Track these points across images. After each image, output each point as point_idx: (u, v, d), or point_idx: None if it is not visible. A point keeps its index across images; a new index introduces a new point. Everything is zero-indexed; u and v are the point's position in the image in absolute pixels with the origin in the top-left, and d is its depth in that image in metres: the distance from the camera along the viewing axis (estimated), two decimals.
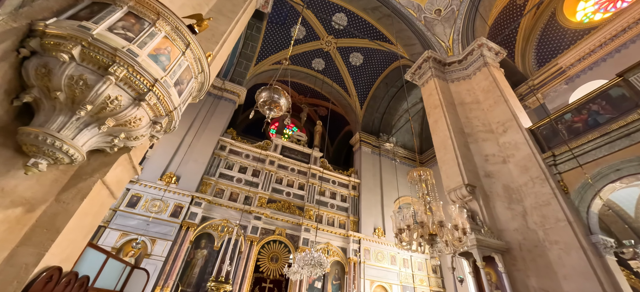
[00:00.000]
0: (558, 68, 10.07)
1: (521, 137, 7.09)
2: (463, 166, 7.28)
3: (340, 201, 11.40)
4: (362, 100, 15.21)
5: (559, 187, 6.01)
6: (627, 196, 6.36)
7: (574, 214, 5.56)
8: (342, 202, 11.35)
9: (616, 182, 5.34)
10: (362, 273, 9.52)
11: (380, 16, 13.43)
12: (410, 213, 3.71)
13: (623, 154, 5.35)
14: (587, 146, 5.85)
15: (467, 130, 8.43)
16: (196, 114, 11.96)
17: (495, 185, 6.97)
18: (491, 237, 5.94)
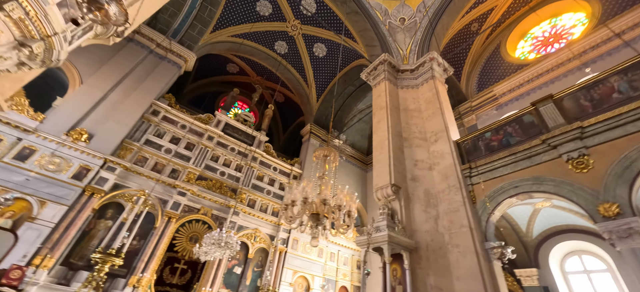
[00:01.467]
0: (493, 95, 11.02)
1: (448, 148, 7.47)
2: (393, 167, 7.44)
3: (278, 189, 11.03)
4: (319, 93, 15.01)
5: (469, 196, 6.43)
6: (523, 211, 7.10)
7: (476, 222, 5.97)
8: (280, 190, 10.99)
9: (513, 198, 5.85)
10: (286, 262, 9.29)
11: (348, 11, 13.29)
12: (300, 189, 3.48)
13: (523, 173, 5.88)
14: (498, 162, 6.34)
15: (404, 135, 8.68)
16: (129, 70, 10.50)
17: (418, 188, 7.24)
18: (403, 236, 6.10)
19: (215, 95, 16.88)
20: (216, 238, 5.87)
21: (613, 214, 4.39)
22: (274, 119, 17.20)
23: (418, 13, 12.53)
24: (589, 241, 6.85)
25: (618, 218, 4.33)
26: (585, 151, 5.14)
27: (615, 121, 4.96)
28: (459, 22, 12.25)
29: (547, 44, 11.06)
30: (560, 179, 5.25)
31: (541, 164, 5.66)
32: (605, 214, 4.48)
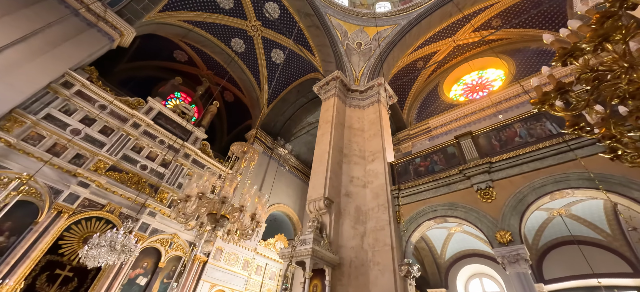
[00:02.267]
0: (428, 126, 12.11)
1: (382, 169, 7.73)
2: (329, 181, 7.36)
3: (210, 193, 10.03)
4: (271, 99, 14.60)
5: (395, 216, 6.64)
6: (440, 235, 7.65)
7: (398, 241, 6.14)
8: (211, 194, 10.00)
9: (432, 221, 6.20)
10: (205, 274, 8.29)
11: (310, 25, 13.42)
12: (202, 182, 3.03)
13: (442, 199, 6.31)
14: (423, 186, 6.73)
15: (345, 151, 8.78)
16: (41, 27, 8.69)
17: (350, 205, 7.25)
18: (328, 251, 5.92)
19: (154, 80, 15.13)
20: (109, 240, 4.85)
21: (506, 241, 4.90)
22: (220, 118, 16.09)
23: (374, 41, 13.33)
24: (488, 265, 7.68)
25: (510, 245, 4.84)
26: (491, 183, 5.75)
27: (514, 160, 5.68)
28: (407, 56, 13.36)
29: (474, 90, 12.75)
30: (470, 207, 5.75)
31: (457, 192, 6.16)
32: (500, 241, 4.97)
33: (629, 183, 4.36)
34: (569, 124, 1.82)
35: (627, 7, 1.39)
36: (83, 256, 5.21)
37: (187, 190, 2.89)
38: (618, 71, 1.48)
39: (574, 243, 6.61)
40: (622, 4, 1.39)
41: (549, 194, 5.03)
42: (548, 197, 5.09)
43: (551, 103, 1.76)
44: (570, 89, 1.68)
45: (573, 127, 1.78)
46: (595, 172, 4.67)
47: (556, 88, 1.70)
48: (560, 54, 1.65)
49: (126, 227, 5.50)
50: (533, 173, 5.36)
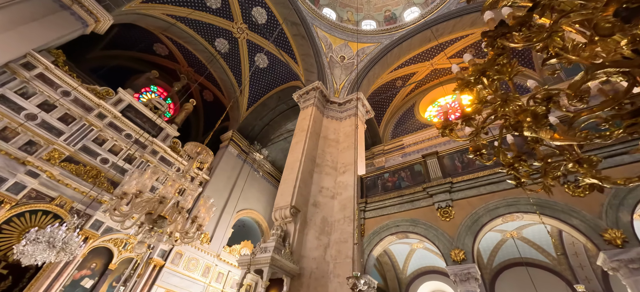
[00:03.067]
0: (402, 143, 12.47)
1: (352, 181, 7.80)
2: (297, 190, 7.31)
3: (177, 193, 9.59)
4: (251, 102, 14.45)
5: (359, 229, 6.67)
6: (402, 250, 7.77)
7: (359, 254, 6.15)
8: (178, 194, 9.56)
9: (394, 235, 6.30)
10: (160, 279, 7.82)
11: (296, 33, 13.54)
12: (145, 178, 2.89)
13: (405, 215, 6.44)
14: (388, 201, 6.85)
15: (318, 161, 8.80)
16: (4, 4, 8.13)
17: (317, 215, 7.22)
18: (288, 260, 5.82)
19: (130, 72, 14.51)
20: (48, 236, 4.47)
21: (459, 259, 5.06)
22: (197, 117, 15.65)
23: (357, 56, 13.67)
24: (447, 283, 7.88)
25: (462, 263, 4.99)
26: (451, 202, 5.97)
27: (473, 182, 5.95)
28: (387, 74, 13.81)
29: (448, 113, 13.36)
30: (430, 224, 5.91)
31: (419, 209, 6.33)
32: (454, 259, 5.12)
33: (570, 211, 4.68)
34: (471, 149, 1.97)
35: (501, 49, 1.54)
36: (18, 253, 4.75)
37: (125, 187, 2.74)
38: (496, 105, 1.64)
39: (524, 265, 6.96)
40: (495, 42, 1.53)
41: (501, 216, 5.29)
42: (500, 220, 5.35)
43: (451, 129, 1.90)
44: (473, 117, 1.83)
45: (475, 154, 1.93)
46: (542, 199, 4.99)
47: (461, 117, 1.85)
48: (459, 84, 1.81)
49: (70, 223, 5.10)
50: (489, 195, 5.62)
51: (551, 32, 1.28)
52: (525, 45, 1.42)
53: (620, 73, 1.18)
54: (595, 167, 1.69)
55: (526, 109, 1.57)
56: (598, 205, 4.46)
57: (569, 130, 1.44)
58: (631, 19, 1.05)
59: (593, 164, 1.69)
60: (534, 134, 1.55)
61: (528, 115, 1.54)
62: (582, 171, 1.71)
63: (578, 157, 1.74)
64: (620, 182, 1.59)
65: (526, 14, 1.40)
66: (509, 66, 1.61)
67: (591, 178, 1.70)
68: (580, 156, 1.74)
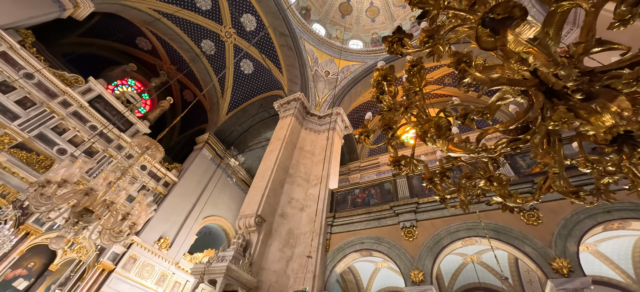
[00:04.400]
0: (377, 162, 12.63)
1: (322, 194, 7.70)
2: (266, 199, 7.11)
3: (138, 192, 9.05)
4: (232, 107, 14.21)
5: (325, 244, 6.52)
6: (367, 268, 7.66)
7: (322, 270, 5.98)
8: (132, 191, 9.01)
9: (358, 253, 6.19)
10: (108, 285, 7.19)
11: (284, 44, 13.65)
12: (75, 167, 2.66)
13: (371, 232, 6.38)
14: (356, 217, 6.78)
15: (291, 171, 8.67)
16: None
17: (283, 226, 7.01)
18: (247, 272, 5.54)
19: (107, 62, 13.94)
20: None
21: (418, 280, 5.02)
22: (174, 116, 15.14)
23: (341, 73, 13.93)
24: None
25: (420, 284, 4.95)
26: (416, 223, 5.99)
27: (438, 204, 6.02)
28: (369, 93, 14.12)
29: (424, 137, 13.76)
30: (394, 243, 5.87)
31: (386, 227, 6.30)
32: (413, 280, 5.08)
33: (523, 238, 4.81)
34: (425, 177, 2.02)
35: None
36: None
37: (49, 174, 2.48)
38: (399, 113, 1.75)
39: (482, 290, 7.04)
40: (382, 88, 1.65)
41: (461, 239, 5.35)
42: (460, 243, 5.40)
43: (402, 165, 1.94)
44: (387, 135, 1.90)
45: (428, 181, 1.99)
46: (500, 225, 5.11)
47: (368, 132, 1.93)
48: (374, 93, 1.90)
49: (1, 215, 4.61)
50: (451, 218, 5.70)
51: (435, 43, 1.37)
52: (415, 51, 1.53)
53: (520, 93, 1.21)
54: (505, 187, 1.78)
55: (430, 119, 1.63)
56: (549, 234, 4.62)
57: (461, 143, 1.54)
58: (499, 30, 1.10)
59: (503, 183, 1.77)
60: (433, 143, 1.61)
61: (432, 126, 1.59)
62: (493, 189, 1.81)
63: (490, 174, 1.81)
64: (519, 201, 1.69)
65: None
66: (419, 76, 1.68)
67: (500, 197, 1.79)
68: (492, 173, 1.81)
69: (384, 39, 1.61)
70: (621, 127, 1.27)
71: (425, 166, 2.26)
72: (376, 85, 1.85)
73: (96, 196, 2.75)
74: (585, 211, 4.55)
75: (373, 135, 2.14)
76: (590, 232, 4.41)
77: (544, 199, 4.81)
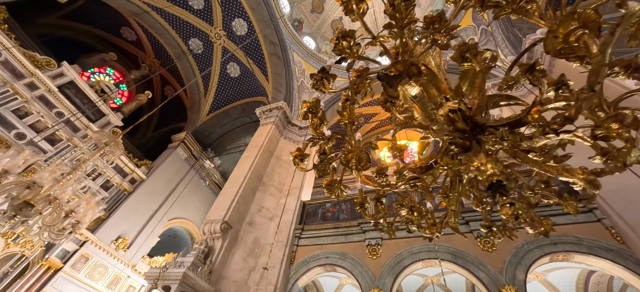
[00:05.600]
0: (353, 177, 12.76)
1: (294, 205, 7.66)
2: (235, 205, 6.97)
3: (101, 187, 8.56)
4: (213, 108, 13.99)
5: (289, 255, 6.44)
6: (332, 284, 7.60)
7: (284, 283, 5.87)
8: (103, 189, 8.54)
9: (322, 267, 6.16)
10: (53, 285, 6.63)
11: (273, 53, 13.74)
12: (20, 158, 2.52)
13: (337, 247, 6.39)
14: (324, 231, 6.78)
15: (265, 180, 8.58)
16: None
17: (250, 235, 6.87)
18: (204, 280, 5.34)
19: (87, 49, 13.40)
20: None
21: None
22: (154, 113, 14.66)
23: None
24: None
25: None
26: (381, 241, 6.07)
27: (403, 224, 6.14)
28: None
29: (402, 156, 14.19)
30: (358, 260, 5.90)
31: (352, 243, 6.33)
32: None
33: (479, 263, 5.00)
34: (356, 201, 2.17)
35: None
36: None
37: None
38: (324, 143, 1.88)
39: None
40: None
41: (421, 261, 5.47)
42: (421, 264, 5.52)
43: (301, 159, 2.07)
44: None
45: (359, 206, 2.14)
46: (458, 249, 5.28)
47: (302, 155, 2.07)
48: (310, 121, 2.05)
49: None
50: (415, 239, 5.82)
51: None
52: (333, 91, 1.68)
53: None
54: (424, 217, 1.96)
55: (353, 150, 1.77)
56: (501, 261, 4.83)
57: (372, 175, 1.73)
58: (392, 84, 1.26)
59: (423, 213, 1.95)
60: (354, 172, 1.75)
61: (354, 157, 1.73)
62: (413, 219, 1.98)
63: (411, 204, 1.99)
64: (428, 232, 1.86)
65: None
66: (348, 110, 1.82)
67: (417, 227, 1.98)
68: (414, 204, 1.98)
69: (312, 75, 1.74)
70: (494, 176, 1.44)
71: (360, 191, 2.38)
72: (304, 115, 2.00)
73: (39, 189, 2.60)
74: (535, 242, 4.83)
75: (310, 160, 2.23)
76: (538, 261, 4.67)
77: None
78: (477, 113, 2.04)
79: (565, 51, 1.52)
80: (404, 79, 1.52)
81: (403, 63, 1.56)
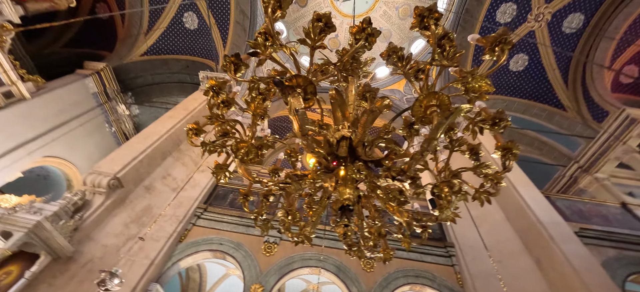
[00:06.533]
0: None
1: (205, 183, 7.23)
2: (136, 164, 6.22)
3: None
4: (152, 52, 12.25)
5: (181, 233, 6.03)
6: (218, 271, 7.40)
7: (164, 260, 5.45)
8: None
9: (211, 252, 5.94)
10: None
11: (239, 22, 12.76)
12: None
13: (235, 236, 6.23)
14: (227, 217, 6.56)
15: (182, 147, 7.92)
16: None
17: (143, 200, 6.20)
18: (64, 236, 4.56)
19: None
20: None
21: None
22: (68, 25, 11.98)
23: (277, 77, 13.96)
24: None
25: None
26: (279, 241, 6.17)
27: None
28: None
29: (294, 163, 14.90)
30: (251, 254, 5.88)
31: (251, 236, 6.26)
32: None
33: (355, 280, 5.53)
34: (216, 163, 2.22)
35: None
36: None
37: None
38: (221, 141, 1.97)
39: None
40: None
41: (310, 267, 5.77)
42: (308, 270, 5.82)
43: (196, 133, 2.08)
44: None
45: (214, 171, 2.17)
46: (343, 264, 5.75)
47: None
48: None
49: None
50: (311, 246, 6.10)
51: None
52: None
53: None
54: (297, 223, 2.13)
55: (247, 141, 1.84)
56: (373, 282, 5.46)
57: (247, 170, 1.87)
58: (284, 92, 1.36)
59: (296, 219, 2.11)
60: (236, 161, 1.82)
61: (245, 148, 1.79)
62: (286, 221, 2.13)
63: (289, 208, 2.13)
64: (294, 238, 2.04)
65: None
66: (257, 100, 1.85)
67: (285, 230, 2.16)
68: (292, 208, 2.12)
69: (225, 56, 1.71)
70: (346, 201, 1.65)
71: (250, 183, 2.39)
72: (205, 92, 1.97)
73: None
74: (403, 271, 5.62)
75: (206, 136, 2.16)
76: (400, 288, 5.45)
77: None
78: (359, 145, 2.28)
79: (424, 119, 1.80)
80: (296, 93, 1.60)
81: (304, 79, 1.64)
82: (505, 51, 1.46)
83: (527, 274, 5.03)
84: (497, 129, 1.80)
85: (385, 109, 2.41)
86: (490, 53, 1.49)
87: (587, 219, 5.93)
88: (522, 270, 5.12)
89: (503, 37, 1.45)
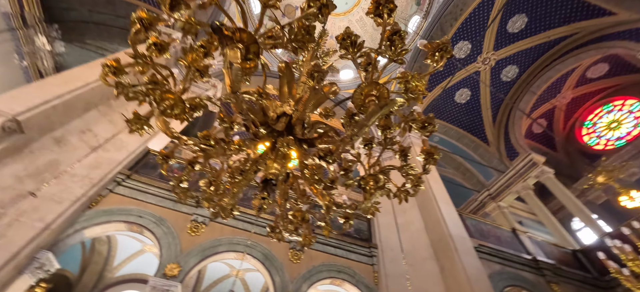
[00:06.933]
0: None
1: (135, 147, 6.42)
2: (48, 109, 5.23)
3: None
4: None
5: (93, 199, 5.25)
6: (132, 246, 6.64)
7: (63, 226, 4.68)
8: None
9: (127, 224, 5.34)
10: None
11: None
12: None
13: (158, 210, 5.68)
14: (154, 189, 5.96)
15: (113, 103, 6.85)
16: None
17: (49, 154, 5.22)
18: None
19: None
20: None
21: (170, 274, 4.70)
22: None
23: None
24: None
25: (170, 279, 4.66)
26: (208, 221, 5.78)
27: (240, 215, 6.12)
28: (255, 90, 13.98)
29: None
30: (173, 231, 5.42)
31: (177, 212, 5.78)
32: (166, 272, 4.72)
33: (280, 269, 5.53)
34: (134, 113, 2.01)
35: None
36: None
37: None
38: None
39: None
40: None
41: (236, 252, 5.55)
42: (234, 255, 5.59)
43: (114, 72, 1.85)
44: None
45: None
46: (272, 253, 5.67)
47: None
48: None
49: None
50: (241, 232, 5.87)
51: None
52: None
53: None
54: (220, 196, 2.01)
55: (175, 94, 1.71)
56: (297, 273, 5.50)
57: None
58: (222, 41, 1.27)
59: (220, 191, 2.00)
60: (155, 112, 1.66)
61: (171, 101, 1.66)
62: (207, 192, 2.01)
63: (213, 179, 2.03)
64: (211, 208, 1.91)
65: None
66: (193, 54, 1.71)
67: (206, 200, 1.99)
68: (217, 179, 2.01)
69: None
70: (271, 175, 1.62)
71: (175, 146, 2.17)
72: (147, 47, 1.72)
73: None
74: (326, 266, 5.82)
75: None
76: (322, 281, 5.63)
77: (313, 247, 5.77)
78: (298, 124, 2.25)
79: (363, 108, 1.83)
80: (234, 45, 1.47)
81: (249, 36, 1.51)
82: (444, 58, 1.57)
83: (431, 278, 5.66)
84: (424, 132, 1.93)
85: (331, 95, 2.42)
86: (431, 58, 1.58)
87: (486, 237, 7.02)
88: (428, 274, 5.73)
89: (444, 46, 1.55)
